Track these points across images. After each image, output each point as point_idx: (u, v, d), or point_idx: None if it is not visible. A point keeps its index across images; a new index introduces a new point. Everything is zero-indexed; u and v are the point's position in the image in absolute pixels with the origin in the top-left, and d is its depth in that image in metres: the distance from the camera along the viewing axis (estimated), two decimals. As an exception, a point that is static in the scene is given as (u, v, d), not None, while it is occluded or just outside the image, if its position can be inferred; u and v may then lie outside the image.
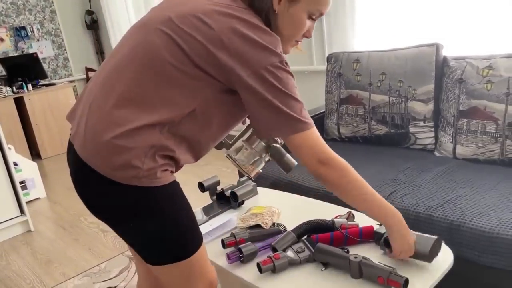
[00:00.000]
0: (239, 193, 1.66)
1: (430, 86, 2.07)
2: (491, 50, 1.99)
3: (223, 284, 1.60)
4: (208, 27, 0.97)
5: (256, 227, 1.42)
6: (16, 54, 5.05)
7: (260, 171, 1.26)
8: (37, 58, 5.00)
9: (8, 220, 2.86)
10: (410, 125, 2.14)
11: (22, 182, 3.35)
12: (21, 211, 2.92)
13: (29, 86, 4.61)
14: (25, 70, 4.78)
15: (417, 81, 2.10)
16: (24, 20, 5.12)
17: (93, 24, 5.57)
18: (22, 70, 4.75)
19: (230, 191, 1.68)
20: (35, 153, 4.76)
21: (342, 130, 2.38)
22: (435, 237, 1.13)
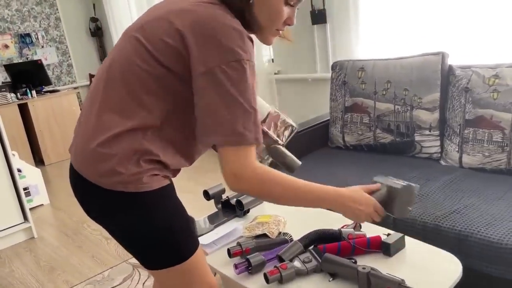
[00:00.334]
0: (245, 202, 1.65)
1: (436, 95, 2.07)
2: (497, 59, 1.98)
3: (228, 294, 1.59)
4: (172, 25, 0.98)
5: (262, 236, 1.41)
6: (21, 61, 5.08)
7: None
8: (42, 65, 5.02)
9: (12, 227, 2.86)
10: (416, 134, 2.13)
11: (26, 189, 3.35)
12: (25, 218, 2.92)
13: (33, 93, 4.62)
14: (30, 77, 4.80)
15: (423, 90, 2.10)
16: (29, 27, 5.15)
17: (97, 31, 5.61)
18: (27, 77, 4.77)
19: (236, 200, 1.67)
20: (39, 159, 4.77)
21: (347, 138, 2.38)
22: (401, 187, 1.09)
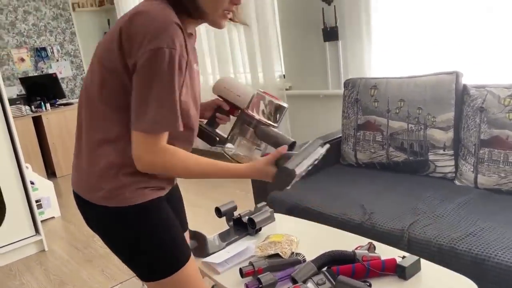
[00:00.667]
0: (257, 220, 1.64)
1: (450, 114, 2.05)
2: (512, 79, 1.97)
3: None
4: (117, 29, 0.99)
5: (275, 256, 1.40)
6: (36, 74, 5.17)
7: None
8: (56, 78, 5.10)
9: (23, 240, 2.87)
10: (430, 153, 2.11)
11: (38, 201, 3.37)
12: (36, 231, 2.93)
13: (48, 105, 4.69)
14: (44, 90, 4.86)
15: (437, 109, 2.09)
16: (45, 41, 5.26)
17: (111, 46, 5.68)
18: (41, 90, 4.84)
19: (248, 218, 1.66)
20: (51, 172, 4.81)
21: (359, 156, 2.36)
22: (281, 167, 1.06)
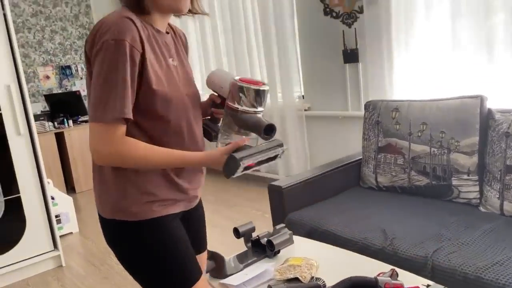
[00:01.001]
0: (276, 242, 1.62)
1: (475, 139, 2.01)
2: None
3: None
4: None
5: (294, 280, 1.37)
6: (60, 91, 5.30)
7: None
8: (80, 96, 5.23)
9: (42, 254, 2.89)
10: (453, 178, 2.06)
11: (57, 216, 3.40)
12: (55, 246, 2.95)
13: (70, 122, 4.79)
14: (68, 107, 4.99)
15: (460, 133, 2.05)
16: (70, 60, 5.41)
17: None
18: (65, 107, 4.97)
19: (267, 240, 1.64)
20: (70, 187, 4.87)
21: (380, 179, 2.32)
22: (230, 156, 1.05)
